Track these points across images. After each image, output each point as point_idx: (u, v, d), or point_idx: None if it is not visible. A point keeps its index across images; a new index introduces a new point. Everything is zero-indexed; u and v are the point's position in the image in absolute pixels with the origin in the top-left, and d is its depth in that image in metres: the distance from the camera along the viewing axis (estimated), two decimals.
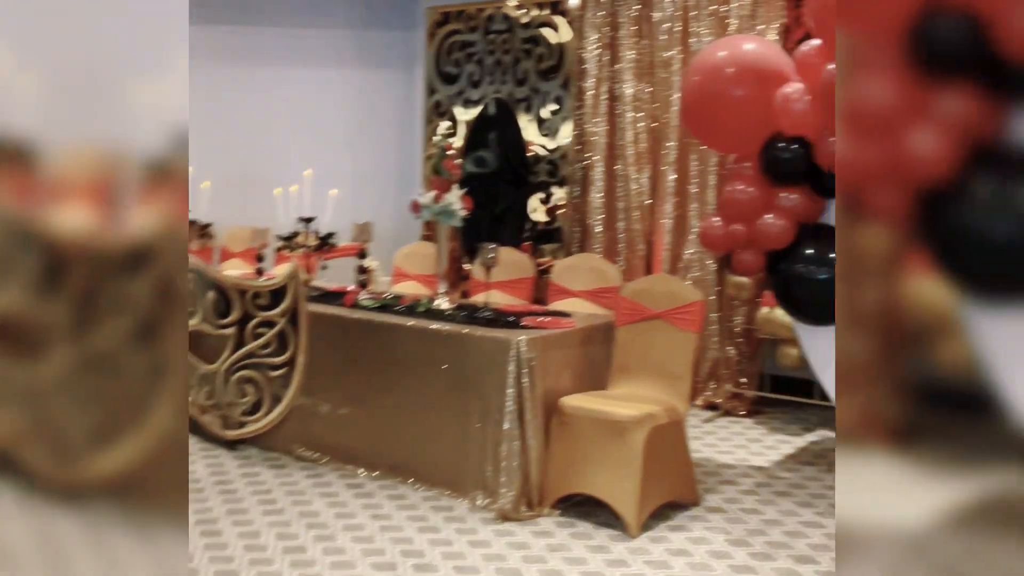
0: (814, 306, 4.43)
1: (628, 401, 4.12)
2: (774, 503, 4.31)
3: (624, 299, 4.45)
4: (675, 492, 4.19)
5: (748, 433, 5.48)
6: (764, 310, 5.54)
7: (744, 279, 5.56)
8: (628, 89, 6.22)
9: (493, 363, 4.17)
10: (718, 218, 4.55)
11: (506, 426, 4.10)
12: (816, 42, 4.29)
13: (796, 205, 4.37)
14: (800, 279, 4.38)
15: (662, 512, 4.08)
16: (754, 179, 4.44)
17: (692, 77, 4.59)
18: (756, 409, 5.91)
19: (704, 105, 4.53)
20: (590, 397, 4.21)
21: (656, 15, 6.11)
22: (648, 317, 4.35)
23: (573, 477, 4.11)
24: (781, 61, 4.49)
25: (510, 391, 4.10)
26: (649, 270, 6.19)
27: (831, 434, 5.45)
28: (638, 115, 6.21)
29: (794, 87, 4.27)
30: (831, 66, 4.11)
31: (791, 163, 4.32)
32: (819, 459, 4.98)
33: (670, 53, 6.04)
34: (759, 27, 5.77)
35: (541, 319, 4.49)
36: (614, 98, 6.33)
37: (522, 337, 4.13)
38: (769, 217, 4.35)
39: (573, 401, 4.15)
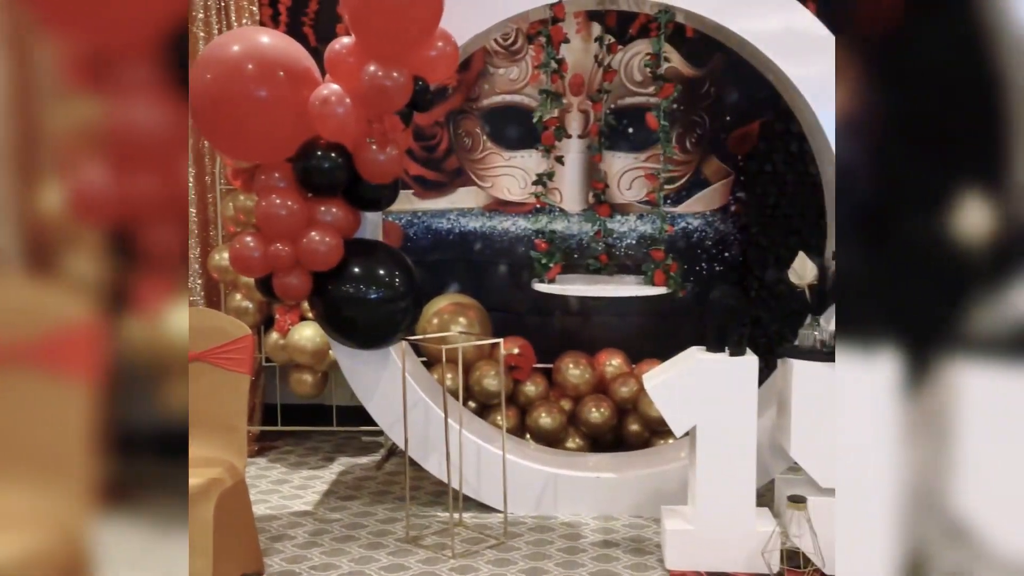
0: (366, 329, 4.09)
1: None
2: (343, 551, 3.86)
3: None
4: (243, 565, 3.52)
5: (270, 474, 4.91)
6: (274, 336, 5.01)
7: (248, 304, 4.97)
8: None
9: None
10: (251, 238, 3.94)
11: None
12: (348, 40, 3.92)
13: (337, 219, 3.99)
14: (351, 301, 4.00)
15: None
16: (291, 192, 3.94)
17: (203, 74, 3.89)
18: (266, 445, 5.36)
19: (221, 108, 3.87)
20: None
21: None
22: None
23: None
24: (305, 58, 4.03)
25: None
26: None
27: (355, 460, 5.14)
28: None
29: (331, 89, 3.85)
30: (372, 67, 3.79)
31: (330, 173, 3.91)
32: (359, 491, 4.63)
33: None
34: (231, 23, 5.20)
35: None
36: None
37: None
38: (315, 234, 3.88)
39: None
